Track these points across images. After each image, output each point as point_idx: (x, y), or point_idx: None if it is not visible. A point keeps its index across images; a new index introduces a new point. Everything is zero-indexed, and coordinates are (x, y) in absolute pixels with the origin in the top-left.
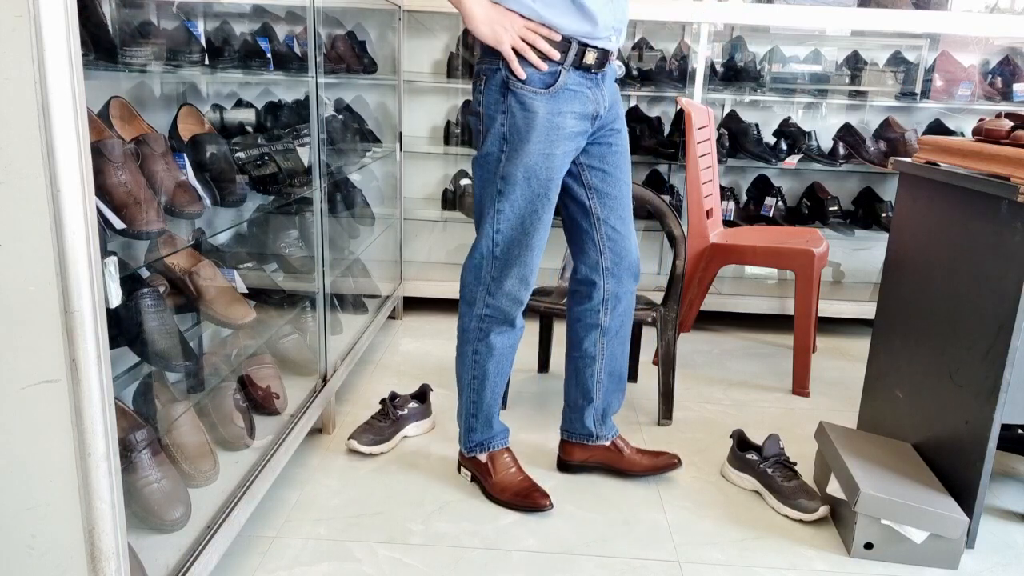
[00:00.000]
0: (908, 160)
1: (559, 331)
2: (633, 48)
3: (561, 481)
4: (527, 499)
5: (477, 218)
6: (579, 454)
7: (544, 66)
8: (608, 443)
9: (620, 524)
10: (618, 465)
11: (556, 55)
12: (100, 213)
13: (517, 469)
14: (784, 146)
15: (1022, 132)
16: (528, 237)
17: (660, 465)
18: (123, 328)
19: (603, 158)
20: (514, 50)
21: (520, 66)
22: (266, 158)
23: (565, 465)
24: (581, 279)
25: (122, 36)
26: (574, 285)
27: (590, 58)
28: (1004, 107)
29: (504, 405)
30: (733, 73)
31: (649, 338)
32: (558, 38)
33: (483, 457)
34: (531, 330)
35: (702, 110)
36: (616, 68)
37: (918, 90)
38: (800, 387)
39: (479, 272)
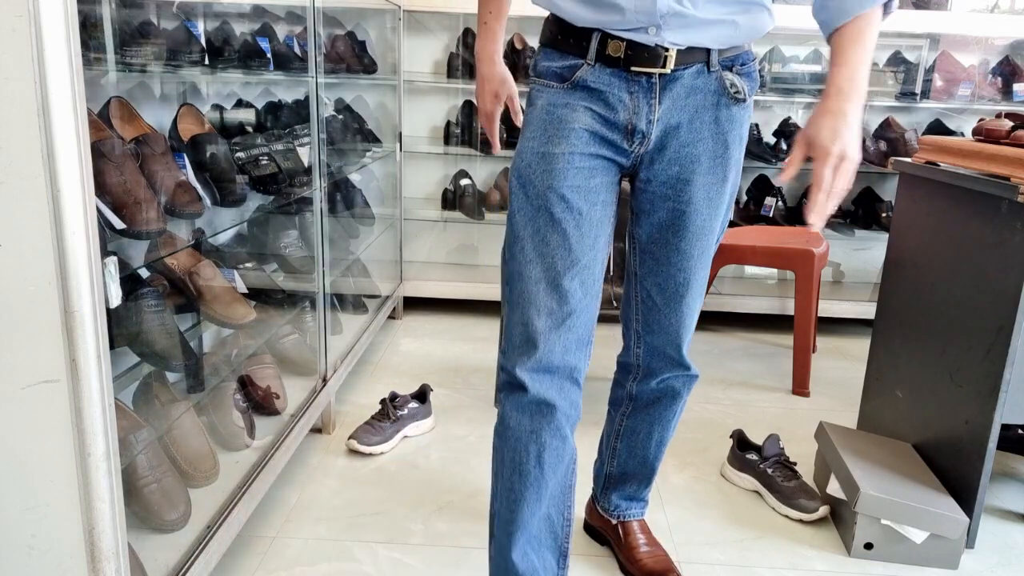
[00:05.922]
0: (908, 160)
1: None
2: None
3: None
4: None
5: None
6: (588, 512)
7: (497, 147)
8: (614, 521)
9: None
10: (617, 549)
11: (495, 148)
12: (100, 213)
13: None
14: (784, 146)
15: (1022, 132)
16: (531, 266)
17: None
18: (123, 328)
19: (654, 216)
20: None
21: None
22: (266, 158)
23: (585, 523)
24: (622, 324)
25: (122, 36)
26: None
27: (614, 49)
28: (1004, 107)
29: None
30: None
31: None
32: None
33: None
34: None
35: None
36: (729, 85)
37: (918, 90)
38: (800, 387)
39: (502, 322)
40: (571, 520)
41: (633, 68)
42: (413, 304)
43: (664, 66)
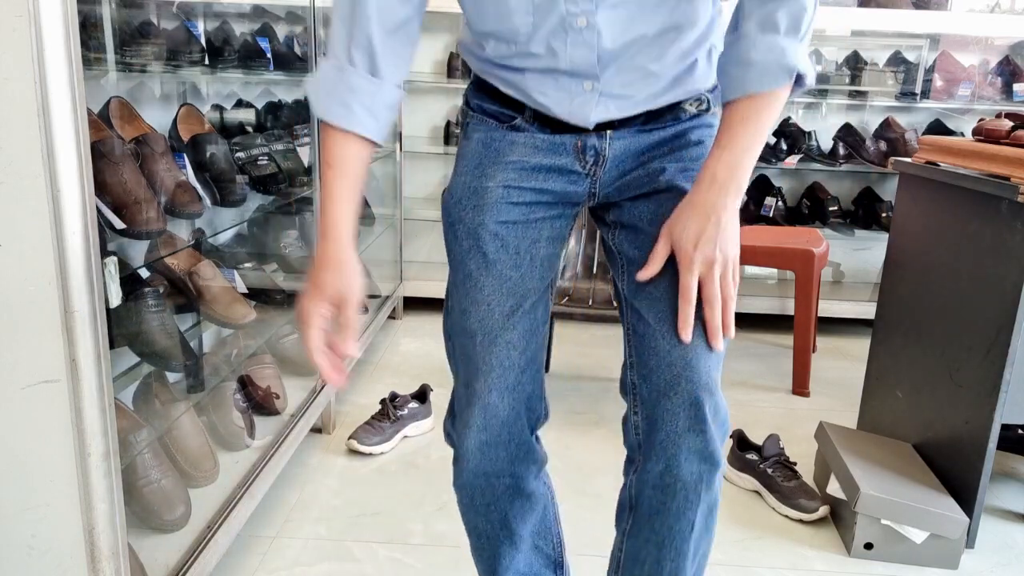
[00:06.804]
0: (908, 160)
1: (560, 330)
2: None
3: (560, 482)
4: None
5: None
6: None
7: (339, 379)
8: None
9: None
10: None
11: (334, 380)
12: (100, 213)
13: None
14: (784, 146)
15: (1022, 132)
16: (466, 317)
17: None
18: (123, 328)
19: (635, 211)
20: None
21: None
22: (266, 158)
23: None
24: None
25: (122, 36)
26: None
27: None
28: (1004, 107)
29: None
30: None
31: None
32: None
33: None
34: None
35: None
36: (688, 104)
37: (918, 90)
38: (800, 387)
39: None
40: (562, 540)
41: (575, 129)
42: (413, 304)
43: (609, 127)
